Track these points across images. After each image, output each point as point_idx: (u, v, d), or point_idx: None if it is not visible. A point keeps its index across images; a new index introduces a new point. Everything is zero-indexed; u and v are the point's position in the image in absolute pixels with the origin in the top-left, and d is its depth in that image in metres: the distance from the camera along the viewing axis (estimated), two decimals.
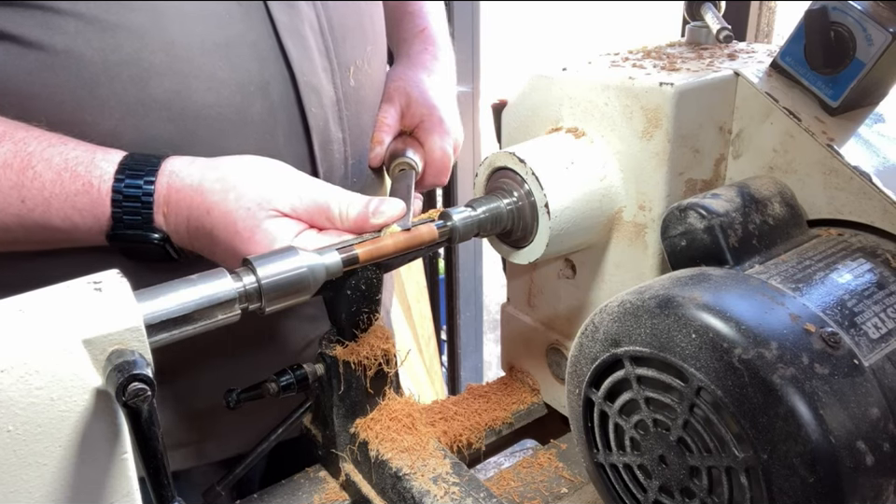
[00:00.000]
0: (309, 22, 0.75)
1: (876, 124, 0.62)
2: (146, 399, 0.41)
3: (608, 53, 0.74)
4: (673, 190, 0.63)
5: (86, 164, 0.64)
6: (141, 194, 0.64)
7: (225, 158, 0.67)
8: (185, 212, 0.65)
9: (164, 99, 0.68)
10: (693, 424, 0.48)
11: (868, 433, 0.44)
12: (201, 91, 0.69)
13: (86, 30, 0.64)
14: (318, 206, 0.64)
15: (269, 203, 0.63)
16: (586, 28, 3.85)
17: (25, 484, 0.42)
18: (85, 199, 0.64)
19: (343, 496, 0.70)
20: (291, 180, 0.65)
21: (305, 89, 0.75)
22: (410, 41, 0.99)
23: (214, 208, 0.63)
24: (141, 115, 0.68)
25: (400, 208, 0.64)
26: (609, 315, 0.53)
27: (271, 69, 0.73)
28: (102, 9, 0.64)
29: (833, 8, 0.59)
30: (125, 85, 0.66)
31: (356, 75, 0.82)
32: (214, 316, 0.52)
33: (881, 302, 0.51)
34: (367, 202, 0.63)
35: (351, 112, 0.82)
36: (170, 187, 0.65)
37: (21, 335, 0.41)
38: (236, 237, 0.63)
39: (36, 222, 0.64)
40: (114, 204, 0.64)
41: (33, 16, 0.63)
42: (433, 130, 0.88)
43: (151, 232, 0.65)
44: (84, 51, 0.65)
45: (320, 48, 0.76)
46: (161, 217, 0.65)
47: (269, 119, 0.74)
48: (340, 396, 0.66)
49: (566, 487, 0.70)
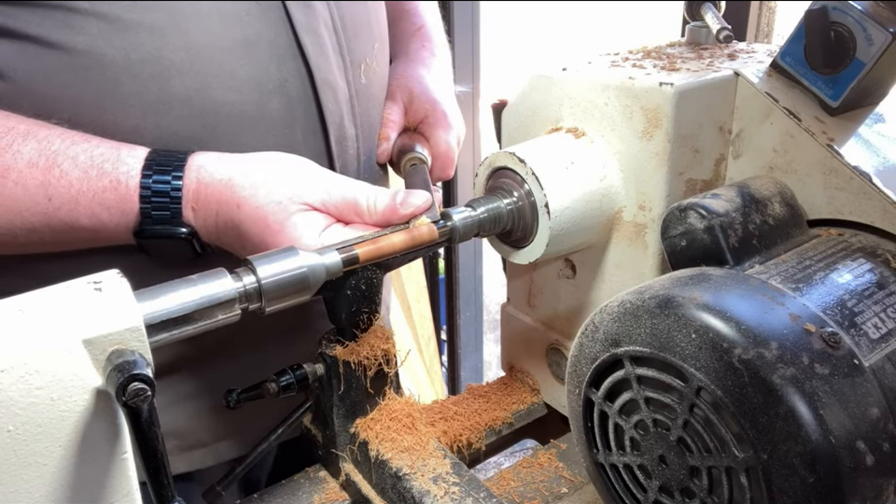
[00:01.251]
0: (324, 21, 0.76)
1: (876, 124, 0.62)
2: (146, 398, 0.41)
3: (608, 53, 0.74)
4: (673, 190, 0.63)
5: (112, 161, 0.64)
6: (170, 189, 0.65)
7: (252, 154, 0.68)
8: (214, 206, 0.65)
9: (185, 97, 0.69)
10: (693, 424, 0.48)
11: (868, 433, 0.44)
12: (221, 88, 0.70)
13: (107, 29, 0.65)
14: (347, 201, 0.65)
15: (300, 197, 0.64)
16: (586, 28, 3.85)
17: (25, 484, 0.42)
18: (113, 195, 0.64)
19: (342, 496, 0.70)
20: (320, 175, 0.67)
21: (322, 86, 0.76)
22: (408, 39, 1.00)
23: (244, 203, 0.64)
24: (162, 113, 0.68)
25: (428, 198, 0.65)
26: (609, 314, 0.53)
27: (289, 67, 0.74)
28: (122, 9, 0.65)
29: (833, 8, 0.59)
30: (146, 83, 0.67)
31: (366, 72, 0.83)
32: (214, 316, 0.52)
33: (881, 302, 0.51)
34: (394, 194, 0.65)
35: (363, 108, 0.83)
36: (199, 182, 0.65)
37: (21, 335, 0.41)
38: (267, 231, 0.63)
39: (63, 221, 0.64)
40: (142, 200, 0.65)
41: (53, 16, 0.63)
42: (437, 124, 0.89)
43: (179, 227, 0.66)
44: (105, 51, 0.65)
45: (334, 45, 0.77)
46: (190, 212, 0.66)
47: (287, 115, 0.75)
48: (340, 396, 0.66)
49: (566, 487, 0.70)
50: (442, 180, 0.95)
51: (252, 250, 0.65)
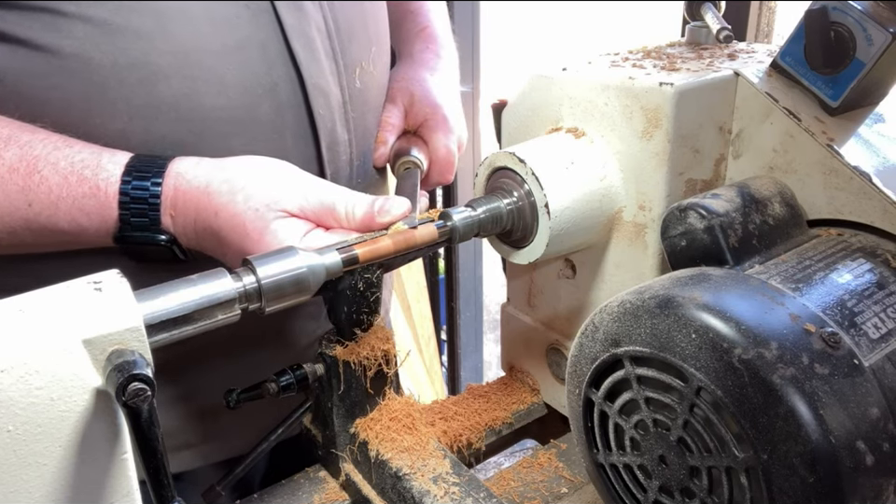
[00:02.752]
0: (316, 24, 0.75)
1: (876, 124, 0.62)
2: (146, 398, 0.41)
3: (608, 53, 0.74)
4: (673, 190, 0.63)
5: (92, 167, 0.64)
6: (148, 196, 0.64)
7: (231, 159, 0.67)
8: (192, 214, 0.65)
9: (173, 101, 0.68)
10: (693, 424, 0.48)
11: (868, 433, 0.44)
12: (209, 93, 0.70)
13: (94, 33, 0.64)
14: (325, 206, 0.64)
15: (277, 203, 0.63)
16: (586, 28, 3.85)
17: (25, 484, 0.42)
18: (92, 202, 0.64)
19: (342, 496, 0.70)
20: (298, 181, 0.66)
21: (313, 90, 0.75)
22: (412, 41, 0.99)
23: (222, 210, 0.63)
24: (150, 117, 0.68)
25: (406, 206, 0.64)
26: (609, 314, 0.53)
27: (279, 71, 0.73)
28: (109, 13, 0.64)
29: (833, 8, 0.59)
30: (134, 87, 0.67)
31: (361, 76, 0.82)
32: (214, 316, 0.52)
33: (881, 302, 0.51)
34: (372, 201, 0.64)
35: (357, 113, 0.82)
36: (177, 189, 0.65)
37: (21, 335, 0.41)
38: (246, 238, 0.63)
39: (43, 226, 0.64)
40: (121, 206, 0.64)
41: (41, 19, 0.63)
42: (437, 128, 0.88)
43: (158, 234, 0.66)
44: (92, 54, 0.65)
45: (327, 49, 0.77)
46: (169, 219, 0.66)
47: (277, 120, 0.74)
48: (340, 396, 0.66)
49: (566, 487, 0.70)
50: (442, 184, 0.94)
51: (232, 257, 0.65)
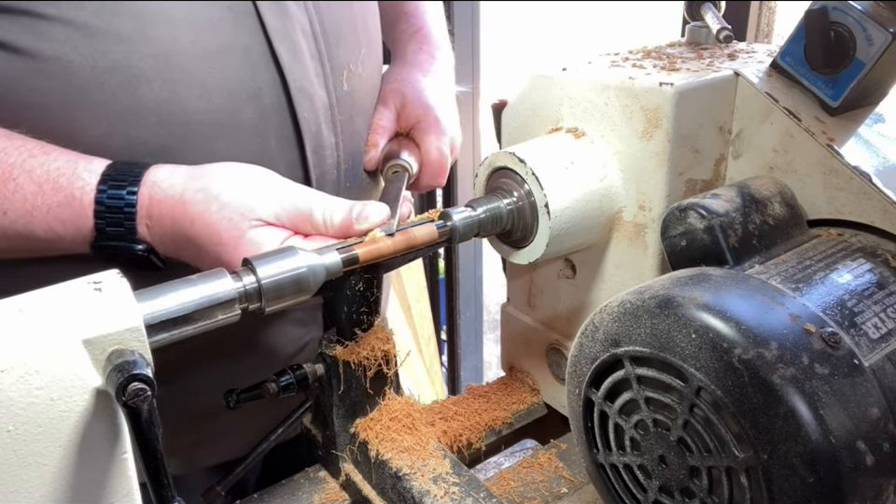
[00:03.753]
0: (301, 27, 0.74)
1: (876, 124, 0.62)
2: (146, 398, 0.41)
3: (608, 53, 0.74)
4: (673, 190, 0.63)
5: (68, 175, 0.63)
6: (123, 205, 0.63)
7: (209, 166, 0.66)
8: (168, 223, 0.64)
9: (154, 105, 0.67)
10: (693, 424, 0.48)
11: (868, 433, 0.44)
12: (191, 97, 0.69)
13: (74, 36, 0.64)
14: (301, 213, 0.63)
15: (252, 212, 0.62)
16: (586, 28, 3.85)
17: (25, 484, 0.42)
18: (67, 211, 0.63)
19: (342, 496, 0.70)
20: (274, 187, 0.64)
21: (297, 94, 0.74)
22: (405, 42, 0.98)
23: (197, 219, 0.62)
24: (131, 121, 0.67)
25: (385, 213, 0.63)
26: (609, 314, 0.53)
27: (262, 75, 0.72)
28: (89, 16, 0.64)
29: (833, 8, 0.59)
30: (114, 91, 0.66)
31: (349, 79, 0.81)
32: (214, 316, 0.52)
33: (881, 302, 0.51)
34: (350, 207, 0.63)
35: (344, 116, 0.81)
36: (152, 198, 0.64)
37: (21, 335, 0.41)
38: (221, 248, 0.62)
39: (19, 233, 0.64)
40: (96, 216, 0.63)
41: (20, 22, 0.62)
42: (429, 130, 0.87)
43: (135, 243, 0.65)
44: (72, 58, 0.64)
45: (313, 52, 0.76)
46: (145, 228, 0.65)
47: (261, 124, 0.73)
48: (340, 396, 0.66)
49: (566, 487, 0.70)
50: (435, 188, 0.92)
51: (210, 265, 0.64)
